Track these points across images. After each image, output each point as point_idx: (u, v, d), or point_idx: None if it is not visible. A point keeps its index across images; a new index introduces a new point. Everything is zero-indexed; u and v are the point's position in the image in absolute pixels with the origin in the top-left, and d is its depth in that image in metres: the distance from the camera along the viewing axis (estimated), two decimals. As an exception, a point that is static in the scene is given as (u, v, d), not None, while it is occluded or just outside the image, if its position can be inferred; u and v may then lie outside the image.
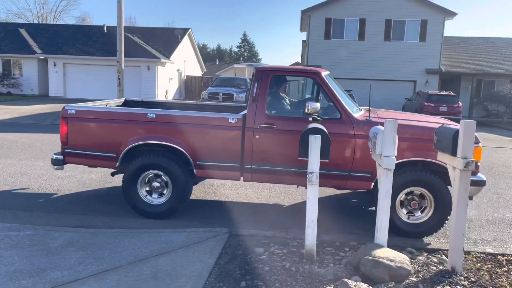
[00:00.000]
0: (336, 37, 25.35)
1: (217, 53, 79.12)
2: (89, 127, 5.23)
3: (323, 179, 4.71)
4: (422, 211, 4.82)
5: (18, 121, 15.52)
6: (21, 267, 3.54)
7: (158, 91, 26.98)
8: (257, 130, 4.97)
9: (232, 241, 4.30)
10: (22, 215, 5.17)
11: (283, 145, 4.94)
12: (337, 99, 4.97)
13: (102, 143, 5.19)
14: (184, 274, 3.47)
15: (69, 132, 5.24)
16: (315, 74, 5.11)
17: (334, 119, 4.92)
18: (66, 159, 5.35)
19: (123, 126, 5.15)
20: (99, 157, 5.24)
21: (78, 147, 5.27)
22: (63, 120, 5.25)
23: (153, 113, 5.10)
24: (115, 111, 5.30)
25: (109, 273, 3.47)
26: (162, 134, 5.06)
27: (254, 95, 5.05)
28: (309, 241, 3.76)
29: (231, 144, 5.02)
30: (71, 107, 5.28)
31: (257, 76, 5.12)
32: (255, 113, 4.99)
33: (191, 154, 5.05)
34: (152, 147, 5.17)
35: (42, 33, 30.63)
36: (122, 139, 5.12)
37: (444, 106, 19.53)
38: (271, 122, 4.97)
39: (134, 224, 4.98)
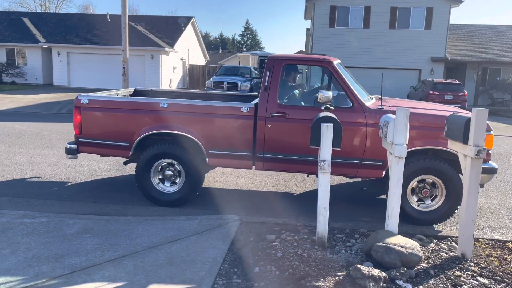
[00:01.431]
0: (340, 25, 25.15)
1: (219, 41, 78.69)
2: (102, 116, 5.27)
3: (335, 167, 4.76)
4: (432, 199, 4.86)
5: (24, 110, 15.59)
6: (39, 253, 3.62)
7: (162, 80, 26.96)
8: (269, 119, 5.00)
9: (244, 228, 4.37)
10: (35, 203, 5.25)
11: (295, 134, 4.97)
12: (349, 88, 4.98)
13: (115, 132, 5.23)
14: (199, 260, 3.54)
15: (82, 121, 5.29)
16: (327, 62, 5.12)
17: (346, 108, 4.94)
18: (79, 149, 5.41)
19: (136, 116, 5.18)
20: (112, 146, 5.29)
21: (91, 136, 5.32)
22: (77, 110, 5.29)
23: (165, 103, 5.13)
24: (128, 101, 5.34)
25: (126, 258, 3.54)
26: (174, 123, 5.10)
27: (266, 84, 5.06)
28: (320, 228, 3.82)
29: (243, 133, 5.05)
30: (85, 97, 5.31)
31: (269, 65, 5.13)
32: (267, 102, 5.02)
33: (204, 143, 5.10)
34: (164, 136, 5.22)
35: (45, 22, 30.56)
36: (135, 128, 5.16)
37: (449, 94, 19.43)
38: (283, 111, 5.00)
39: (146, 212, 5.05)
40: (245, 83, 19.41)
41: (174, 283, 3.14)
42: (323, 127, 3.67)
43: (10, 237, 3.96)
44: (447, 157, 4.83)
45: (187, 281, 3.17)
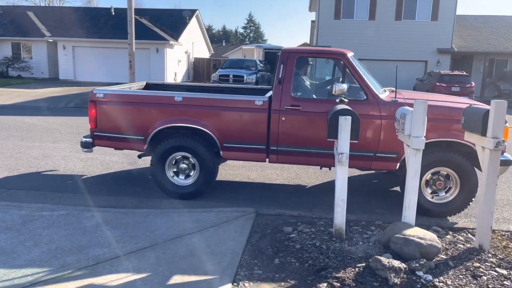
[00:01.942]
0: (346, 17, 25.00)
1: (222, 34, 78.39)
2: (118, 110, 5.30)
3: (350, 160, 4.75)
4: (447, 191, 4.88)
5: (32, 105, 15.66)
6: (62, 245, 3.67)
7: (167, 74, 26.96)
8: (283, 112, 5.01)
9: (260, 220, 4.41)
10: (52, 196, 5.31)
11: (309, 127, 5.00)
12: (363, 80, 4.98)
13: (130, 126, 5.26)
14: (219, 252, 3.59)
15: (97, 115, 5.33)
16: (341, 55, 5.12)
17: (360, 100, 4.94)
18: (95, 142, 5.45)
19: (151, 109, 5.22)
20: (128, 139, 5.33)
21: (107, 130, 5.36)
22: (92, 104, 5.33)
23: (180, 96, 5.15)
24: (143, 94, 5.38)
25: (147, 250, 3.60)
26: (189, 116, 5.13)
27: (280, 77, 5.07)
28: (338, 220, 3.85)
29: (257, 126, 5.08)
30: (100, 91, 5.34)
31: (283, 58, 5.14)
32: (281, 95, 5.03)
33: (218, 136, 5.13)
34: (178, 129, 5.25)
35: (50, 16, 30.55)
36: (150, 122, 5.20)
37: (456, 86, 19.33)
38: (297, 104, 5.01)
39: (161, 205, 5.10)
40: (251, 76, 19.38)
41: (197, 274, 3.19)
42: (341, 120, 3.69)
43: (31, 229, 4.02)
44: (461, 149, 4.84)
45: (209, 272, 3.22)
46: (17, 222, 4.21)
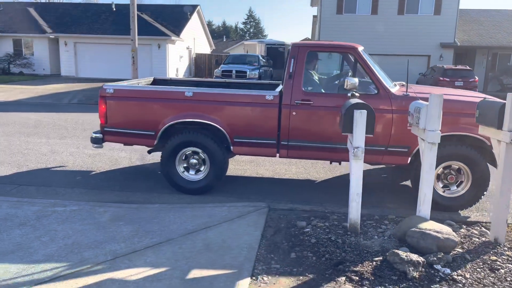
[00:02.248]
0: (348, 11, 24.90)
1: (222, 30, 78.15)
2: (128, 106, 5.29)
3: None
4: (458, 185, 4.88)
5: (36, 101, 15.64)
6: (78, 240, 3.68)
7: (169, 69, 26.90)
8: (293, 107, 5.00)
9: (273, 215, 4.41)
10: (63, 192, 5.31)
11: (320, 121, 4.99)
12: (374, 74, 4.97)
13: (140, 121, 5.25)
14: (235, 246, 3.60)
15: (107, 111, 5.32)
16: (352, 49, 5.10)
17: (371, 95, 4.93)
18: (105, 138, 5.44)
19: (161, 104, 5.21)
20: (138, 135, 5.32)
21: (117, 125, 5.35)
22: (102, 100, 5.31)
23: (190, 91, 5.14)
24: (153, 90, 5.37)
25: (163, 245, 3.60)
26: (199, 111, 5.12)
27: (291, 72, 5.05)
28: (353, 214, 3.85)
29: (267, 121, 5.06)
30: (109, 87, 5.33)
31: (293, 52, 5.12)
32: (291, 90, 5.01)
33: (228, 132, 5.12)
34: (188, 124, 5.24)
35: (51, 12, 30.47)
36: (160, 117, 5.19)
37: (459, 80, 19.28)
38: (308, 99, 5.00)
39: (172, 200, 5.10)
40: (253, 71, 19.35)
41: (215, 268, 3.20)
42: (356, 113, 3.68)
43: (46, 225, 4.03)
44: (472, 143, 4.83)
45: (227, 267, 3.23)
46: (31, 217, 4.22)
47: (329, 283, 3.04)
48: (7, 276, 3.02)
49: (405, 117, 4.72)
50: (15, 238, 3.67)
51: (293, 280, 3.09)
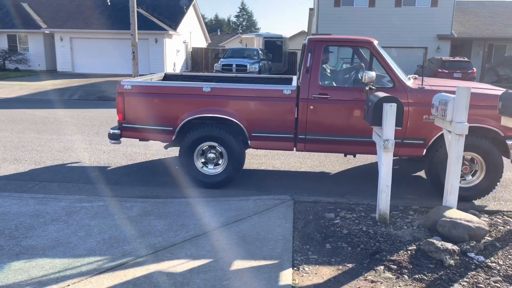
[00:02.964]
0: (346, 4, 24.94)
1: (215, 23, 77.76)
2: (146, 101, 5.31)
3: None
4: (473, 175, 4.99)
5: (37, 97, 15.55)
6: (114, 234, 3.73)
7: (167, 64, 26.79)
8: (311, 101, 5.07)
9: (299, 207, 4.49)
10: (85, 188, 5.35)
11: (337, 114, 5.06)
12: (390, 68, 5.05)
13: (159, 117, 5.28)
14: (270, 238, 3.67)
15: (125, 107, 5.34)
16: (367, 43, 5.17)
17: (387, 88, 5.01)
18: (123, 134, 5.47)
19: (179, 100, 5.24)
20: (156, 131, 5.36)
21: (135, 121, 5.38)
22: (120, 96, 5.33)
23: (208, 87, 5.18)
24: (172, 86, 5.40)
25: (200, 238, 3.67)
26: (217, 107, 5.17)
27: (308, 66, 5.11)
28: (382, 205, 3.94)
29: (285, 115, 5.13)
30: (127, 83, 5.35)
31: (310, 46, 5.17)
32: (308, 84, 5.08)
33: (246, 126, 5.18)
34: (206, 120, 5.27)
35: (45, 7, 30.12)
36: (178, 113, 5.22)
37: (458, 72, 19.44)
38: (325, 93, 5.07)
39: (195, 194, 5.15)
40: (253, 65, 19.35)
41: (256, 259, 3.27)
42: (386, 106, 3.75)
43: (77, 220, 4.07)
44: (486, 134, 4.92)
45: (267, 258, 3.30)
46: (61, 213, 4.26)
47: (369, 272, 3.13)
48: (55, 270, 3.07)
49: (421, 110, 4.83)
50: (52, 234, 3.72)
51: (333, 269, 3.18)
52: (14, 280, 2.94)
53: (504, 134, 4.81)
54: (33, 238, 3.63)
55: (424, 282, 2.98)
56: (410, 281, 3.00)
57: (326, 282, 2.99)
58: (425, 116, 4.66)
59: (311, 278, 3.04)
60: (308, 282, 2.99)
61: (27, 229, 3.82)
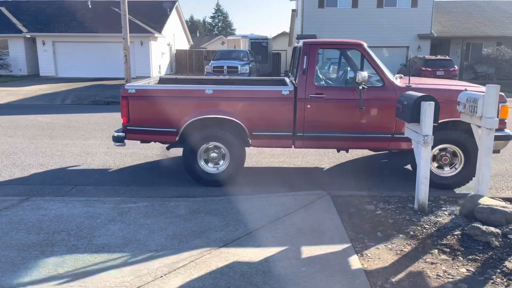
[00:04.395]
0: (330, 5, 25.51)
1: (191, 24, 77.22)
2: (150, 104, 5.48)
3: (370, 142, 5.51)
4: (452, 166, 5.47)
5: (28, 103, 15.32)
6: (176, 231, 3.92)
7: (152, 67, 26.71)
8: (308, 100, 5.43)
9: (338, 201, 4.77)
10: (122, 190, 5.48)
11: (332, 113, 5.46)
12: (380, 68, 5.50)
13: (162, 119, 5.46)
14: (324, 229, 3.94)
15: (130, 110, 5.48)
16: (359, 45, 5.60)
17: (378, 87, 5.45)
18: (127, 136, 5.62)
19: (182, 102, 5.46)
20: (160, 132, 5.55)
21: (139, 124, 5.53)
22: (124, 99, 5.47)
23: (210, 89, 5.43)
24: (175, 89, 5.64)
25: (260, 231, 3.90)
26: (219, 108, 5.43)
27: (304, 68, 5.47)
28: (421, 196, 4.27)
29: (284, 115, 5.46)
30: (131, 87, 5.52)
31: (305, 49, 5.53)
32: (305, 84, 5.43)
33: (247, 126, 5.46)
34: (208, 120, 5.48)
35: (23, 10, 29.52)
36: (181, 115, 5.42)
37: (441, 70, 20.23)
38: (321, 92, 5.45)
39: (229, 192, 5.32)
40: (244, 66, 19.60)
41: (321, 248, 3.53)
42: (425, 105, 4.08)
43: (132, 220, 4.23)
44: (465, 128, 5.32)
45: (330, 246, 3.57)
46: (113, 214, 4.41)
47: (426, 255, 3.44)
48: (141, 264, 3.25)
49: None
50: (117, 233, 3.88)
51: (393, 254, 3.47)
52: (115, 275, 3.10)
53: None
54: (102, 237, 3.78)
55: (478, 261, 3.32)
56: (465, 261, 3.33)
57: (391, 265, 3.29)
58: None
59: (376, 263, 3.33)
60: (375, 266, 3.28)
61: (90, 229, 3.97)
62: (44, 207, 4.62)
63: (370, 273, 3.15)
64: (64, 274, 3.09)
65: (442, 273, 3.16)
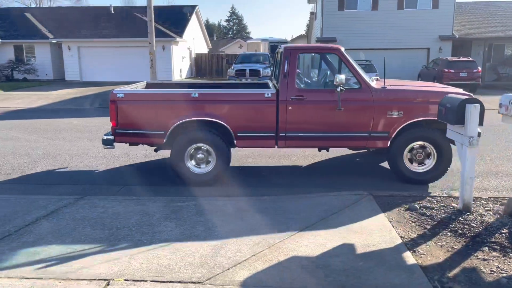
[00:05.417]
0: (349, 8, 25.52)
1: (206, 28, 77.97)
2: (138, 108, 5.70)
3: (348, 141, 5.75)
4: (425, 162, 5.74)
5: (58, 106, 15.83)
6: (231, 228, 4.11)
7: (174, 71, 27.14)
8: (289, 103, 5.65)
9: (380, 201, 4.91)
10: (167, 189, 5.69)
11: (312, 114, 5.68)
12: (357, 71, 5.70)
13: (150, 122, 5.67)
14: (373, 228, 4.08)
15: (118, 114, 5.69)
16: (337, 50, 5.82)
17: (355, 89, 5.67)
18: (116, 139, 5.83)
19: (169, 106, 5.66)
20: (148, 135, 5.75)
21: (127, 127, 5.74)
22: (113, 104, 5.67)
23: (196, 93, 5.64)
24: (162, 93, 5.86)
25: (312, 229, 4.06)
26: (205, 111, 5.65)
27: (285, 72, 5.68)
28: (467, 196, 4.39)
29: (267, 116, 5.68)
30: (120, 91, 5.72)
31: (286, 54, 5.75)
32: (287, 87, 5.65)
33: (232, 127, 5.67)
34: (195, 122, 5.68)
35: (48, 16, 30.33)
36: (168, 117, 5.62)
37: (464, 71, 20.05)
38: (301, 95, 5.66)
39: (271, 192, 5.49)
40: (266, 69, 19.79)
41: (373, 245, 3.68)
42: (470, 107, 4.20)
43: (186, 217, 4.43)
44: (437, 126, 5.59)
45: (381, 244, 3.72)
46: (166, 212, 4.63)
47: (477, 252, 3.56)
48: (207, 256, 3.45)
49: (385, 106, 5.56)
50: (174, 230, 4.09)
51: (444, 251, 3.61)
52: (186, 268, 3.31)
53: None
54: (162, 233, 4.01)
55: (529, 258, 3.43)
56: (517, 258, 3.45)
57: (445, 261, 3.42)
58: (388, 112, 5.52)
59: (429, 259, 3.47)
60: (429, 262, 3.42)
61: (148, 225, 4.20)
62: (100, 205, 4.88)
63: (425, 269, 3.29)
64: (139, 267, 3.31)
65: (495, 269, 3.28)
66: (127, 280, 3.10)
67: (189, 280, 3.10)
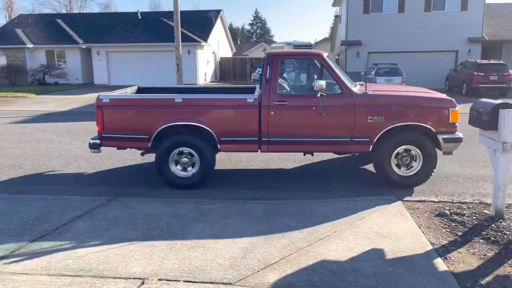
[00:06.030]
0: (375, 11, 25.28)
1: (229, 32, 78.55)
2: (123, 113, 5.77)
3: (331, 145, 5.72)
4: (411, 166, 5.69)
5: (88, 110, 16.14)
6: (259, 230, 4.16)
7: (199, 75, 27.49)
8: (271, 107, 5.65)
9: (409, 206, 4.87)
10: (192, 192, 5.77)
11: (295, 118, 5.66)
12: (339, 77, 5.67)
13: (135, 126, 5.74)
14: (403, 233, 4.06)
15: (104, 118, 5.76)
16: (318, 56, 5.82)
17: (336, 94, 5.63)
18: (102, 143, 5.90)
19: (154, 111, 5.73)
20: (133, 139, 5.83)
21: (113, 131, 5.82)
22: (99, 108, 5.76)
23: (180, 98, 5.69)
24: (146, 98, 5.92)
25: (340, 233, 4.07)
26: (189, 115, 5.69)
27: (268, 77, 5.70)
28: (499, 202, 4.30)
29: (249, 121, 5.69)
30: (105, 97, 5.80)
31: (269, 60, 5.78)
32: (269, 92, 5.66)
33: (216, 132, 5.70)
34: (178, 127, 5.73)
35: (78, 22, 31.27)
36: (153, 122, 5.69)
37: (494, 75, 19.53)
38: (283, 100, 5.66)
39: (293, 196, 5.48)
40: (290, 73, 19.79)
41: (403, 250, 3.67)
42: (504, 112, 4.13)
43: (214, 220, 4.51)
44: (422, 131, 5.56)
45: (412, 249, 3.70)
46: (195, 214, 4.72)
47: (510, 260, 3.50)
48: (237, 257, 3.52)
49: (366, 111, 5.54)
50: (204, 231, 4.18)
51: (476, 258, 3.55)
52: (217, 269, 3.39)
53: (435, 130, 5.49)
54: (193, 234, 4.10)
55: None
56: (553, 266, 3.36)
57: (477, 268, 3.37)
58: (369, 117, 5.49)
59: (461, 266, 3.43)
60: (461, 269, 3.38)
61: (180, 227, 4.30)
62: (131, 206, 5.02)
63: (457, 275, 3.26)
64: (171, 267, 3.41)
65: (530, 278, 3.22)
66: (161, 280, 3.19)
67: (220, 281, 3.17)
